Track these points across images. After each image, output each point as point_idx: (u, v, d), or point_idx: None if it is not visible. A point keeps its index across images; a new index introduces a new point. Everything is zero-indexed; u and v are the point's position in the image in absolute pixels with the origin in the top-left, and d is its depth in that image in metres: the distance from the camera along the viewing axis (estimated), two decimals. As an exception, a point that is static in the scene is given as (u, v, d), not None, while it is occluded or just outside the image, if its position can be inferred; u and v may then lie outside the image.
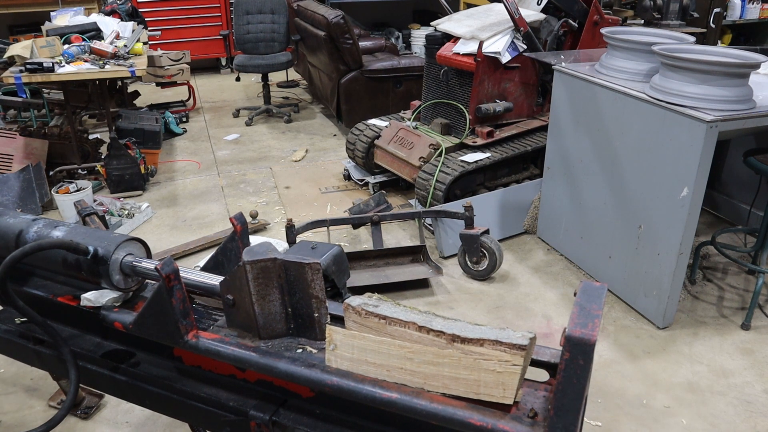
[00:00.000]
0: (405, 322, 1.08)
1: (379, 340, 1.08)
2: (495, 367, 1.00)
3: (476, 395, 1.00)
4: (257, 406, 1.20)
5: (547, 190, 3.38)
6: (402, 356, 1.06)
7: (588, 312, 0.92)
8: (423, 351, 1.05)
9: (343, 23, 4.65)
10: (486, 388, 1.00)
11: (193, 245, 3.37)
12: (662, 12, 4.79)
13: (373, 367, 1.08)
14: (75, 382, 1.28)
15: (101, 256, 1.25)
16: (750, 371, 2.48)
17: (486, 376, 1.00)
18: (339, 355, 1.10)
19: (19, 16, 6.13)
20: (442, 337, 1.04)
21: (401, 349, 1.06)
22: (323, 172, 4.53)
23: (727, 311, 2.87)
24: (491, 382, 1.00)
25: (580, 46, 3.82)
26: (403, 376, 1.06)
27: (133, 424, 2.19)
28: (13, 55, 3.91)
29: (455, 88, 3.78)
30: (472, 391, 1.01)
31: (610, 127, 2.81)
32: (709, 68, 2.34)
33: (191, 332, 1.20)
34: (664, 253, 2.60)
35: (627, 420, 2.24)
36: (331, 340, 1.11)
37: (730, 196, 3.70)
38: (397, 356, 1.07)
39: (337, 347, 1.10)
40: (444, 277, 3.10)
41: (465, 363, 1.02)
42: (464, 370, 1.02)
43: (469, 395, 1.00)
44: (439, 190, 3.38)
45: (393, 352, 1.07)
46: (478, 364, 1.01)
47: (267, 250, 1.16)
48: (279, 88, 6.71)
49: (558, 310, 2.88)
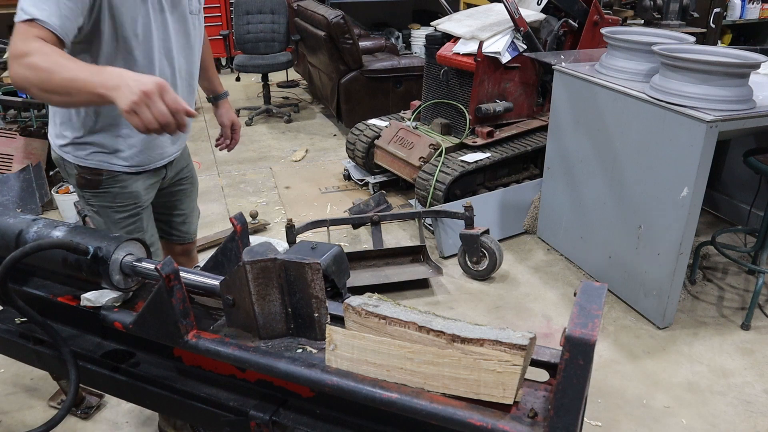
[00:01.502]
0: (405, 322, 1.08)
1: (379, 340, 1.08)
2: (495, 367, 1.00)
3: (476, 395, 1.00)
4: (257, 406, 1.19)
5: (547, 190, 3.38)
6: (402, 356, 1.06)
7: (588, 312, 0.92)
8: (423, 351, 1.05)
9: (343, 23, 4.65)
10: (486, 388, 1.00)
11: (193, 245, 3.37)
12: (662, 12, 4.79)
13: (373, 367, 1.08)
14: (75, 382, 1.28)
15: (101, 256, 1.24)
16: (750, 371, 2.48)
17: (486, 376, 1.00)
18: (339, 355, 1.10)
19: (19, 16, 6.13)
20: (442, 337, 1.04)
21: (401, 349, 1.06)
22: (323, 172, 4.53)
23: (727, 311, 2.87)
24: (491, 382, 1.00)
25: (580, 46, 3.82)
26: (403, 376, 1.06)
27: (133, 424, 2.19)
28: (13, 55, 3.91)
29: (455, 88, 3.78)
30: (472, 391, 1.01)
31: (610, 127, 2.81)
32: (709, 68, 2.34)
33: (191, 332, 1.20)
34: (664, 253, 2.60)
35: (627, 420, 2.24)
36: (331, 340, 1.11)
37: (730, 196, 3.70)
38: (397, 356, 1.07)
39: (337, 347, 1.10)
40: (444, 277, 3.10)
41: (465, 363, 1.02)
42: (464, 370, 1.02)
43: (469, 395, 1.00)
44: (439, 190, 3.38)
45: (393, 352, 1.07)
46: (478, 364, 1.01)
47: (267, 250, 1.16)
48: (279, 88, 6.71)
49: (558, 310, 2.88)
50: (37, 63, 1.26)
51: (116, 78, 1.20)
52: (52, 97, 1.30)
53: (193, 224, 2.07)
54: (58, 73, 1.24)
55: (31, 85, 1.28)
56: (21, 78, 1.29)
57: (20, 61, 1.28)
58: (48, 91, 1.28)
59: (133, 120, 1.17)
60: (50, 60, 1.26)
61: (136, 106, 1.16)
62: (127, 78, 1.19)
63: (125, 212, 1.75)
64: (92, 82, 1.22)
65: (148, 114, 1.17)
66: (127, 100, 1.16)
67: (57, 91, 1.26)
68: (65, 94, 1.26)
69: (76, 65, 1.26)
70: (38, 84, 1.27)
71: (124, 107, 1.16)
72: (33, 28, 1.31)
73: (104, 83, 1.20)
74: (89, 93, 1.23)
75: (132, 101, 1.16)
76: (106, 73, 1.24)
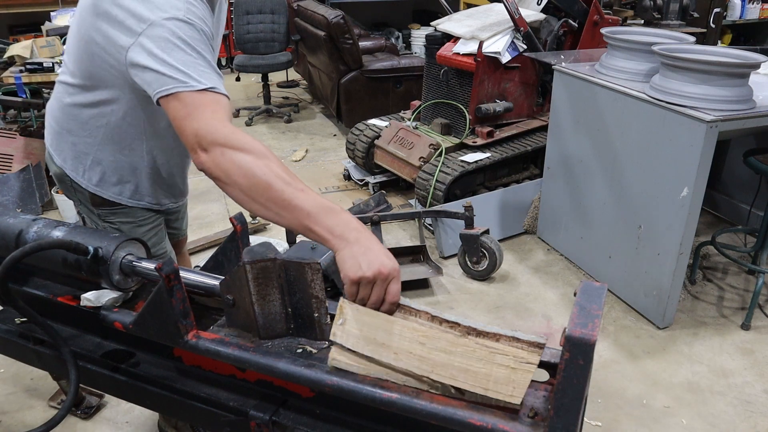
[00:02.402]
0: (417, 311, 1.07)
1: (392, 319, 1.06)
2: (510, 363, 0.98)
3: (484, 390, 0.97)
4: (257, 406, 1.19)
5: (547, 190, 3.38)
6: (414, 340, 1.04)
7: (588, 312, 0.92)
8: (437, 337, 1.03)
9: (343, 23, 4.65)
10: (495, 384, 0.97)
11: (193, 245, 3.37)
12: (662, 12, 4.79)
13: (380, 348, 1.05)
14: (75, 382, 1.28)
15: (101, 256, 1.25)
16: (750, 371, 2.48)
17: (498, 371, 0.98)
18: (347, 330, 1.07)
19: (19, 16, 6.13)
20: (456, 329, 1.03)
21: (414, 333, 1.04)
22: (323, 172, 4.53)
23: (727, 311, 2.87)
24: (502, 379, 0.97)
25: (580, 46, 3.82)
26: (410, 361, 1.03)
27: (133, 424, 2.19)
28: (13, 55, 3.91)
29: (455, 88, 3.78)
30: (480, 385, 0.98)
31: (610, 127, 2.81)
32: (709, 68, 2.34)
33: (191, 332, 1.20)
34: (664, 253, 2.60)
35: (627, 420, 2.24)
36: (342, 313, 1.08)
37: (730, 196, 3.70)
38: (409, 339, 1.04)
39: (347, 321, 1.08)
40: (444, 277, 3.10)
41: (480, 354, 1.00)
42: (477, 362, 0.99)
43: (476, 389, 0.98)
44: (439, 190, 3.38)
45: (405, 334, 1.04)
46: (493, 358, 0.99)
47: (267, 250, 1.16)
48: (279, 88, 6.71)
49: (558, 310, 2.88)
50: (253, 170, 1.11)
51: (352, 231, 1.08)
52: (253, 205, 1.13)
53: (184, 220, 2.04)
54: (277, 192, 1.10)
55: (233, 185, 1.13)
56: (223, 173, 1.14)
57: (227, 154, 1.13)
58: (253, 200, 1.13)
59: (351, 288, 1.07)
60: (269, 171, 1.11)
61: (364, 281, 1.05)
62: (365, 241, 1.07)
63: (148, 224, 1.69)
64: (317, 220, 1.08)
65: (367, 293, 1.06)
66: (358, 270, 1.05)
67: (265, 205, 1.12)
68: (272, 211, 1.12)
69: (299, 187, 1.11)
70: (245, 190, 1.13)
71: (352, 275, 1.05)
72: (218, 98, 1.21)
73: (333, 230, 1.08)
74: (303, 226, 1.10)
75: (363, 275, 1.04)
76: (336, 216, 1.10)
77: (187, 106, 1.19)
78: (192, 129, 1.18)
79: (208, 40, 1.29)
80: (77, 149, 1.54)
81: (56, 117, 1.54)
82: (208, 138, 1.16)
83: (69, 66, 1.44)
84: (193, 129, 1.18)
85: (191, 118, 1.18)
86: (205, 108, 1.19)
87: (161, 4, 1.23)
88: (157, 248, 1.73)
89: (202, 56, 1.24)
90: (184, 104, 1.19)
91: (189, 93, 1.19)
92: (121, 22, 1.24)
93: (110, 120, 1.47)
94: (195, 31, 1.24)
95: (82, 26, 1.33)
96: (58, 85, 1.52)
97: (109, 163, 1.54)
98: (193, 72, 1.21)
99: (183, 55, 1.21)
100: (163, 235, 1.76)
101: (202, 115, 1.18)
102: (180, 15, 1.23)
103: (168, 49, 1.21)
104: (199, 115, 1.18)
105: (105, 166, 1.55)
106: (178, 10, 1.23)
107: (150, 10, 1.22)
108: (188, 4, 1.26)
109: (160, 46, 1.21)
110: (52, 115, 1.56)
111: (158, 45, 1.21)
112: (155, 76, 1.21)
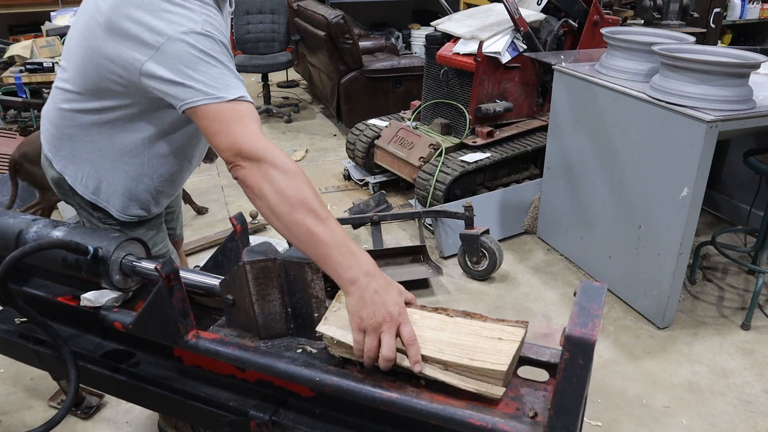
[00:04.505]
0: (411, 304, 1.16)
1: None
2: (497, 335, 1.05)
3: (470, 361, 1.01)
4: (257, 406, 1.19)
5: (547, 190, 3.38)
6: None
7: (588, 312, 0.92)
8: (430, 316, 1.11)
9: (343, 23, 4.65)
10: (482, 354, 1.02)
11: (193, 245, 3.37)
12: (662, 12, 4.79)
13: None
14: (75, 382, 1.28)
15: (101, 256, 1.25)
16: (750, 371, 2.48)
17: (485, 343, 1.04)
18: (339, 315, 1.12)
19: (19, 16, 6.13)
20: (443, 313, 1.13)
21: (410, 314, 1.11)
22: (323, 172, 4.53)
23: (727, 311, 2.87)
24: (489, 349, 1.02)
25: (580, 46, 3.82)
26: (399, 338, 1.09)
27: (133, 424, 2.19)
28: (13, 55, 3.92)
29: (455, 88, 3.78)
30: (467, 356, 1.02)
31: (610, 127, 2.81)
32: (709, 68, 2.34)
33: (191, 332, 1.20)
34: (664, 253, 2.60)
35: (627, 420, 2.24)
36: (339, 302, 1.14)
37: (730, 196, 3.70)
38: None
39: (341, 309, 1.12)
40: (444, 277, 3.10)
41: (468, 329, 1.07)
42: (466, 336, 1.06)
43: (463, 360, 1.01)
44: (439, 190, 3.38)
45: None
46: (481, 332, 1.06)
47: (267, 250, 1.16)
48: (279, 88, 6.71)
49: (558, 310, 2.88)
50: (284, 189, 1.12)
51: (362, 276, 1.07)
52: (276, 222, 1.14)
53: (179, 221, 2.03)
54: (301, 216, 1.10)
55: (263, 199, 1.14)
56: (256, 186, 1.15)
57: (263, 169, 1.14)
58: (278, 218, 1.13)
59: (357, 335, 1.06)
60: (299, 193, 1.12)
61: (371, 330, 1.04)
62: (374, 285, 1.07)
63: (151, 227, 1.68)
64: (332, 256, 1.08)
65: (374, 343, 1.04)
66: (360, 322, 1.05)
67: (287, 226, 1.12)
68: (293, 234, 1.12)
69: (323, 216, 1.11)
70: (272, 207, 1.13)
71: (356, 324, 1.06)
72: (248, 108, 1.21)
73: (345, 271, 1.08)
74: (318, 257, 1.10)
75: (372, 323, 1.04)
76: (351, 257, 1.09)
77: (219, 119, 1.20)
78: (227, 143, 1.18)
79: (226, 50, 1.28)
80: (78, 155, 1.50)
81: (55, 122, 1.50)
82: (244, 152, 1.16)
83: (69, 72, 1.40)
84: (227, 143, 1.18)
85: (226, 133, 1.19)
86: (238, 121, 1.20)
87: (177, 19, 1.22)
88: (159, 247, 1.71)
89: (224, 65, 1.24)
90: (215, 117, 1.20)
91: (217, 105, 1.20)
92: (136, 36, 1.22)
93: (113, 126, 1.44)
94: (214, 42, 1.24)
95: (89, 37, 1.30)
96: (56, 91, 1.47)
97: (106, 171, 1.51)
98: (218, 83, 1.21)
99: (207, 66, 1.21)
100: (164, 235, 1.76)
101: (236, 129, 1.19)
102: (197, 28, 1.22)
103: (191, 63, 1.20)
104: (234, 129, 1.19)
105: (102, 174, 1.51)
106: (195, 23, 1.23)
107: (167, 24, 1.21)
108: (204, 16, 1.26)
109: (182, 60, 1.20)
110: (50, 121, 1.51)
111: (180, 59, 1.20)
112: (180, 89, 1.21)
